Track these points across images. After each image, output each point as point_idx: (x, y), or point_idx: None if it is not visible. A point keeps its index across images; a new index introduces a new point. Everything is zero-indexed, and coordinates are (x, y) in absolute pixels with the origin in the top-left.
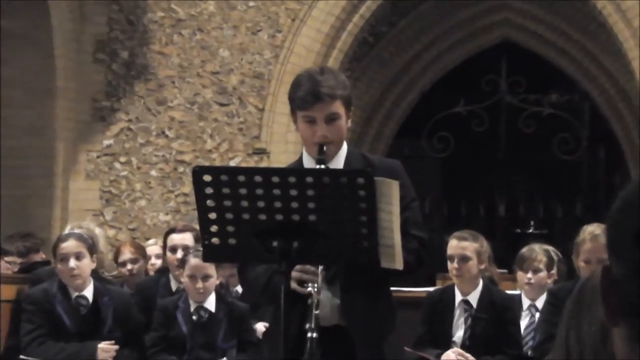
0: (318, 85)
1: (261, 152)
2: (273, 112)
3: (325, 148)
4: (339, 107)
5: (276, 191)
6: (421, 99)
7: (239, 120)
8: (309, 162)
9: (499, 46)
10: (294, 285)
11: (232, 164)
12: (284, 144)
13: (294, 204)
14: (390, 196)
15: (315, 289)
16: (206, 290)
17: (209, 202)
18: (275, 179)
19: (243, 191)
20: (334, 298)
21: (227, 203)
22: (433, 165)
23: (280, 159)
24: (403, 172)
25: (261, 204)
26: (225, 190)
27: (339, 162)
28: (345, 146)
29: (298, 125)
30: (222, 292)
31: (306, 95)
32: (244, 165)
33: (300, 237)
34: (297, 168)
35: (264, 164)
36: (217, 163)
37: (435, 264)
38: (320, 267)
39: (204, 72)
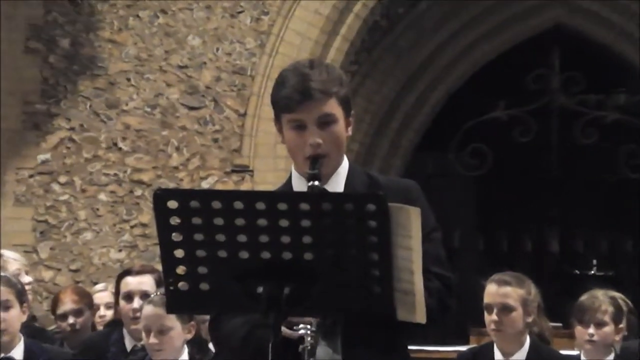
0: (306, 80)
1: (242, 170)
2: (258, 118)
3: (318, 162)
4: (334, 107)
5: (262, 221)
6: (449, 101)
7: (214, 129)
8: (299, 184)
9: (551, 33)
10: (282, 329)
11: (205, 185)
12: (272, 159)
13: (285, 238)
14: (410, 228)
15: (309, 331)
16: (166, 348)
17: (175, 236)
18: (261, 206)
19: (219, 221)
20: (335, 354)
21: (199, 237)
22: (465, 186)
23: (267, 178)
24: (419, 196)
25: (243, 238)
26: (196, 221)
27: (337, 182)
28: (345, 162)
29: (284, 134)
30: (194, 352)
31: (292, 93)
32: (220, 187)
33: (293, 280)
34: (289, 192)
35: (246, 186)
36: (186, 184)
37: (467, 314)
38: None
39: (168, 66)
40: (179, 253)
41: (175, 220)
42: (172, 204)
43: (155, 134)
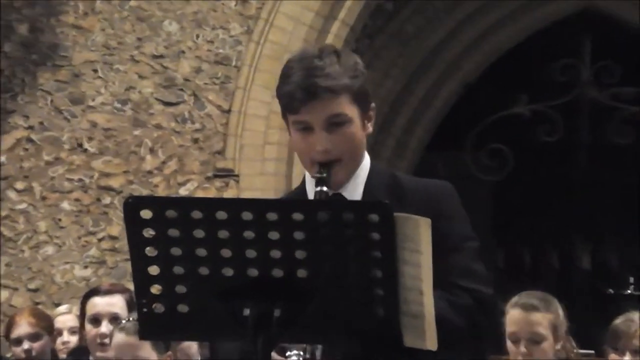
0: (311, 74)
1: (226, 174)
2: (244, 115)
3: (327, 166)
4: (345, 105)
5: (249, 234)
6: (463, 94)
7: (194, 127)
8: (313, 190)
9: (581, 17)
10: (273, 356)
11: (184, 192)
12: (260, 162)
13: (276, 253)
14: (419, 241)
15: (302, 358)
16: None
17: (149, 250)
18: (248, 216)
19: (200, 234)
20: None
21: (176, 251)
22: (481, 192)
23: (254, 183)
24: (452, 200)
25: (227, 252)
26: (173, 233)
27: (355, 188)
28: (366, 163)
29: (291, 135)
30: None
31: (294, 90)
32: (200, 194)
33: (285, 301)
34: (279, 200)
35: (230, 193)
36: (162, 191)
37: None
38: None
39: (141, 56)
40: (154, 270)
41: (149, 233)
42: (146, 214)
43: (126, 134)
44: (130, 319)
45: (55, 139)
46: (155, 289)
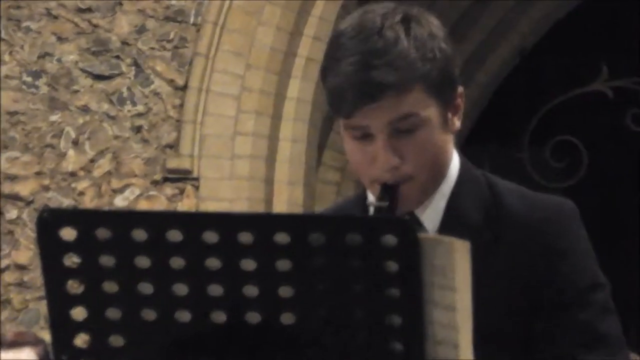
0: (369, 63)
1: (182, 177)
2: (206, 93)
3: (392, 190)
4: (418, 103)
5: (214, 262)
6: (519, 66)
7: (135, 111)
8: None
9: None
10: None
11: (121, 203)
12: (229, 162)
13: (251, 290)
14: (453, 274)
15: None
16: None
17: (73, 285)
18: (212, 237)
19: (144, 262)
20: None
21: (111, 287)
22: None
23: (220, 191)
24: (571, 228)
25: (182, 289)
26: (107, 261)
27: (435, 206)
28: (454, 167)
29: (343, 140)
30: None
31: (345, 87)
32: (144, 205)
33: (264, 357)
34: (255, 214)
35: (187, 204)
36: (90, 202)
37: None
38: None
39: (60, 9)
40: (79, 313)
41: (72, 260)
42: (68, 234)
43: (40, 120)
44: None
45: None
46: (81, 340)
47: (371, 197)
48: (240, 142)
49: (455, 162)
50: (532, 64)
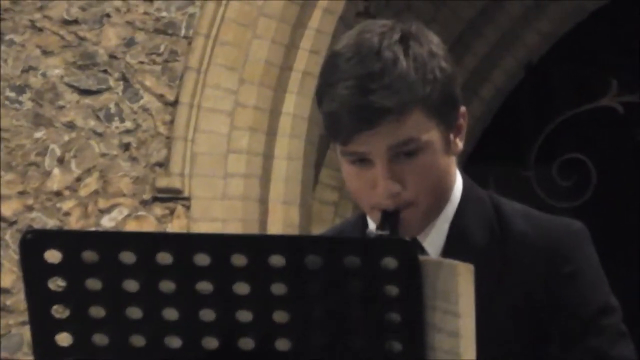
0: (366, 87)
1: (172, 197)
2: (197, 110)
3: (393, 218)
4: (418, 126)
5: (205, 286)
6: (526, 77)
7: (123, 128)
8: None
9: None
10: None
11: (109, 224)
12: (222, 181)
13: (245, 315)
14: (456, 298)
15: None
16: None
17: (58, 310)
18: (203, 260)
19: (132, 286)
20: None
21: (98, 312)
22: None
23: (212, 211)
24: (581, 252)
25: (172, 313)
26: (93, 284)
27: (439, 229)
28: (457, 190)
29: (340, 163)
30: None
31: (341, 113)
32: (133, 226)
33: None
34: (249, 236)
35: (177, 225)
36: (75, 223)
37: None
38: None
39: (45, 21)
40: (64, 339)
41: (57, 284)
42: (53, 256)
43: (23, 136)
44: None
45: None
46: None
47: (371, 225)
48: (234, 160)
49: (458, 183)
50: (539, 78)
